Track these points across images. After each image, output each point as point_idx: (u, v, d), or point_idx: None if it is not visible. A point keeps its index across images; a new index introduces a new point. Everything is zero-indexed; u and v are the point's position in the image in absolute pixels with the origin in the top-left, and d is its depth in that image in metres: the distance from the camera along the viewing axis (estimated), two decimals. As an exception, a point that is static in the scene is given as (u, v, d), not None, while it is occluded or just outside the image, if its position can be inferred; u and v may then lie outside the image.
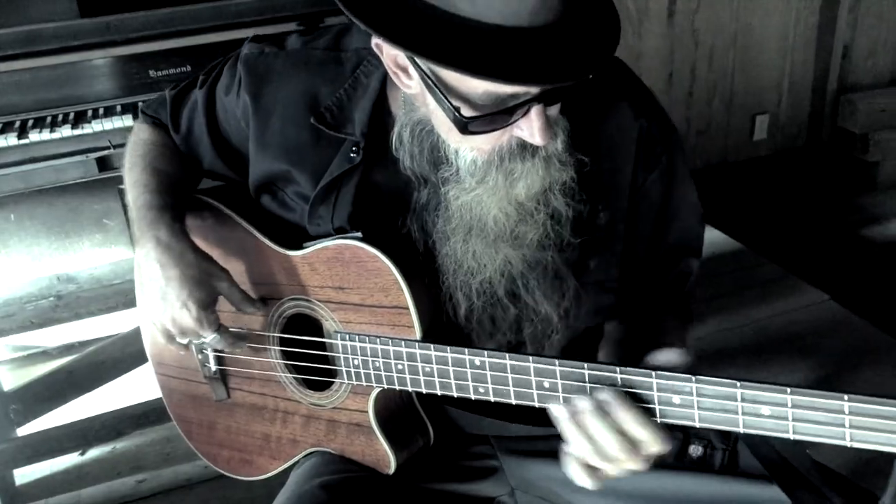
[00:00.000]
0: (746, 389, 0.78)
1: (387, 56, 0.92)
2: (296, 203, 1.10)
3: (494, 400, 0.93)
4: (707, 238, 1.15)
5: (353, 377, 1.04)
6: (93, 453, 1.92)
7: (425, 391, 0.98)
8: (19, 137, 1.94)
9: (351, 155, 1.04)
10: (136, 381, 2.07)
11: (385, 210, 1.04)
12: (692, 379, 0.80)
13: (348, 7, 0.83)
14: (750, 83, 3.36)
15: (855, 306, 2.34)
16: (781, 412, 0.77)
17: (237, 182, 1.19)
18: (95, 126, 2.00)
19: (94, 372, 2.12)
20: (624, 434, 0.81)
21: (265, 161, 1.10)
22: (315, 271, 1.05)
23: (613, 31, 0.87)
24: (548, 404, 0.87)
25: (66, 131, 1.99)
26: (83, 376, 2.11)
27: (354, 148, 1.04)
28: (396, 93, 1.02)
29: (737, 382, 0.78)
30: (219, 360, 1.19)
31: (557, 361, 0.87)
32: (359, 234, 1.00)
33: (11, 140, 1.93)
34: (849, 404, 0.73)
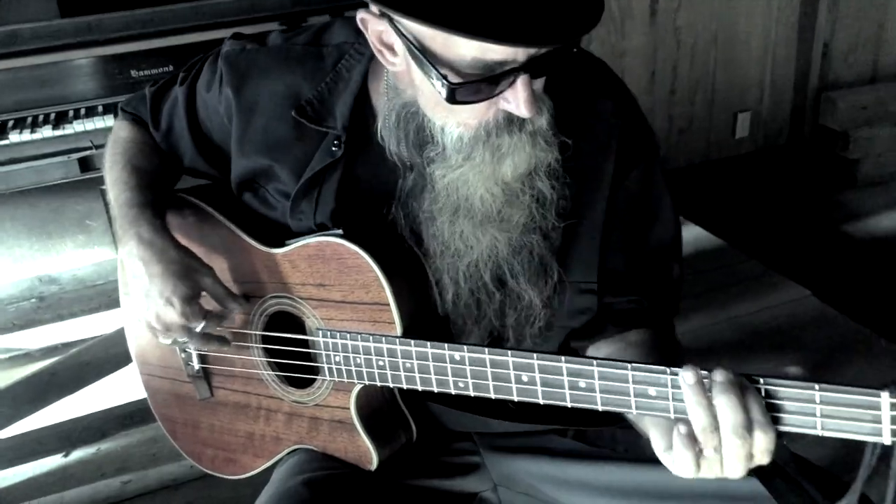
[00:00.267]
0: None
1: (372, 33, 0.92)
2: (277, 200, 1.11)
3: (474, 394, 0.93)
4: (689, 235, 1.14)
5: (335, 374, 1.04)
6: (77, 455, 1.91)
7: (406, 387, 0.98)
8: (-1, 138, 1.93)
9: (333, 149, 1.04)
10: (121, 382, 2.06)
11: (369, 202, 1.04)
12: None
13: None
14: (732, 81, 3.38)
15: (836, 302, 2.36)
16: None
17: (218, 180, 1.20)
18: (77, 126, 2.00)
19: (78, 373, 2.11)
20: (748, 413, 0.77)
21: (247, 157, 1.10)
22: (296, 269, 1.05)
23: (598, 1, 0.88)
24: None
25: (48, 132, 1.98)
26: (66, 378, 2.10)
27: (336, 142, 1.04)
28: (378, 86, 1.02)
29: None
30: (202, 359, 1.19)
31: (536, 355, 0.87)
32: (340, 231, 1.01)
33: (-8, 141, 1.92)
34: (820, 394, 0.74)
